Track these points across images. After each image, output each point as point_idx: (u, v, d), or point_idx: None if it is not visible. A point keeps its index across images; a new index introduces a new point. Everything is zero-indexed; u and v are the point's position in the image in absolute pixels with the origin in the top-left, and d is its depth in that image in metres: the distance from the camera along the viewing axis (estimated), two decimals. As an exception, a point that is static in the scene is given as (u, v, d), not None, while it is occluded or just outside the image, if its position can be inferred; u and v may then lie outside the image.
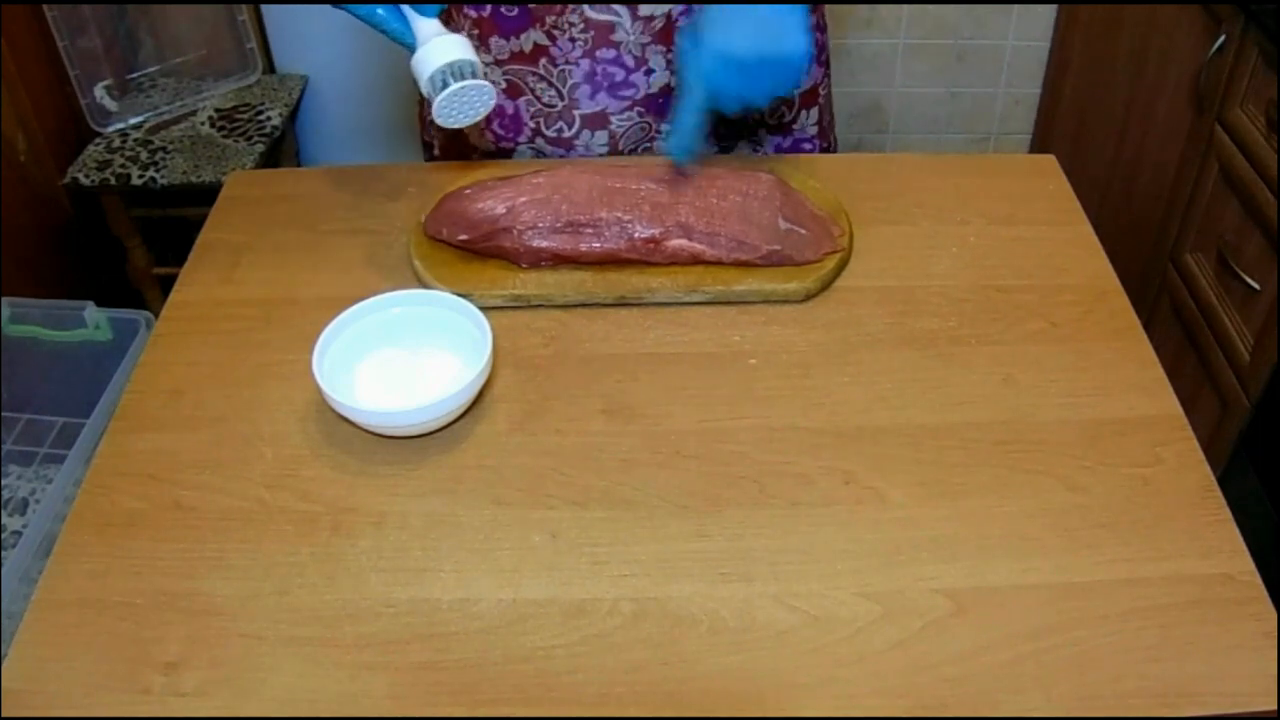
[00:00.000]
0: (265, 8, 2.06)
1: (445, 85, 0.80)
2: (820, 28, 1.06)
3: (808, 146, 1.09)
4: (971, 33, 2.23)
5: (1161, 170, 1.72)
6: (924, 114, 2.36)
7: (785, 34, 0.82)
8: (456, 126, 0.84)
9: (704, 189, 0.89)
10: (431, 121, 1.09)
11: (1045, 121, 2.30)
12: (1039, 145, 2.35)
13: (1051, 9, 2.17)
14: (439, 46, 0.80)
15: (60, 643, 0.66)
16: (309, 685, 0.63)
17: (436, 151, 1.11)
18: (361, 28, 0.84)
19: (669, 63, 0.97)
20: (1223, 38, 1.49)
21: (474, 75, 0.81)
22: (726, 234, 0.87)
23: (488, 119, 1.03)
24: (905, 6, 2.18)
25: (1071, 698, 0.62)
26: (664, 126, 1.03)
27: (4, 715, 0.62)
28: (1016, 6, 2.17)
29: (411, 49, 0.81)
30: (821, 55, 1.07)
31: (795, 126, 1.07)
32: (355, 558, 0.70)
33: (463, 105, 0.82)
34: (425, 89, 0.81)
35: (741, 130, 1.06)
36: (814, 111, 1.07)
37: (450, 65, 0.80)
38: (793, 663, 0.64)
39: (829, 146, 1.12)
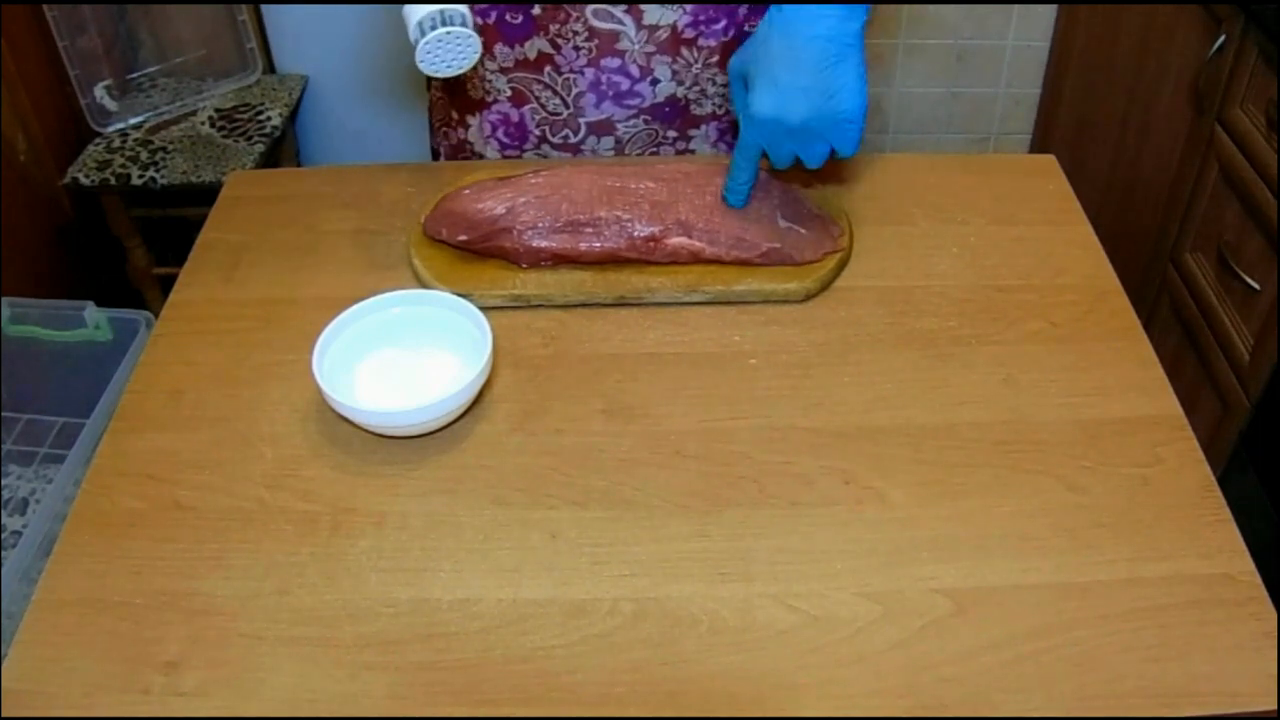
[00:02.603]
0: (265, 8, 2.06)
1: (433, 29, 0.79)
2: None
3: None
4: (971, 33, 2.23)
5: (1161, 170, 1.72)
6: (924, 114, 2.36)
7: (837, 95, 0.79)
8: (440, 76, 0.83)
9: (703, 187, 0.89)
10: (440, 129, 1.10)
11: (1045, 121, 2.30)
12: (1039, 145, 2.35)
13: (1051, 9, 2.17)
14: None
15: (60, 643, 0.66)
16: (309, 685, 0.63)
17: (443, 158, 1.11)
18: (361, 27, 0.84)
19: (675, 73, 0.97)
20: (1223, 38, 1.49)
21: (463, 24, 0.80)
22: (726, 232, 0.87)
23: (493, 126, 1.02)
24: (905, 6, 2.18)
25: (1071, 698, 0.62)
26: (670, 132, 1.02)
27: (4, 715, 0.62)
28: (1016, 6, 2.17)
29: None
30: None
31: None
32: (355, 558, 0.70)
33: (447, 54, 0.81)
34: (413, 34, 0.81)
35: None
36: None
37: (440, 12, 0.79)
38: (793, 663, 0.64)
39: None
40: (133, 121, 1.95)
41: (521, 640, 0.65)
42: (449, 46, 0.81)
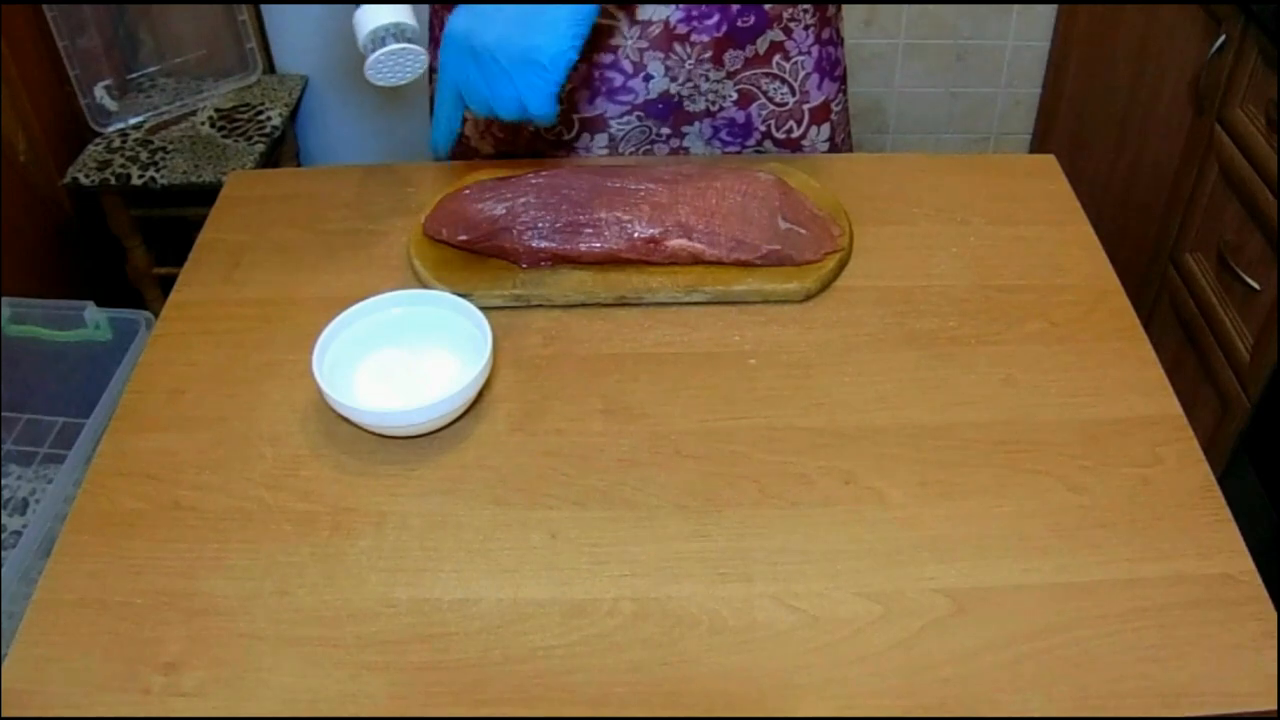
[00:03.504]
0: (265, 8, 2.06)
1: (384, 44, 0.82)
2: (834, 41, 1.03)
3: None
4: (971, 33, 2.23)
5: (1161, 170, 1.72)
6: (924, 114, 2.36)
7: (535, 29, 0.68)
8: (384, 84, 0.86)
9: (704, 189, 0.89)
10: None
11: (1045, 121, 2.30)
12: (1039, 145, 2.35)
13: (1051, 9, 2.17)
14: (383, 6, 0.82)
15: (60, 643, 0.66)
16: (309, 685, 0.63)
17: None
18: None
19: (668, 69, 0.97)
20: (1223, 38, 1.49)
21: (412, 40, 0.83)
22: (726, 234, 0.87)
23: (488, 122, 1.03)
24: (905, 6, 2.18)
25: (1071, 698, 0.62)
26: (664, 130, 1.02)
27: (4, 715, 0.62)
28: (1016, 6, 2.17)
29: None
30: (836, 70, 1.04)
31: (805, 143, 1.05)
32: (355, 558, 0.70)
33: (396, 67, 0.84)
34: (363, 42, 0.83)
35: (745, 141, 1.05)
36: (825, 128, 1.05)
37: (392, 25, 0.82)
38: (793, 663, 0.64)
39: None
40: (133, 121, 1.95)
41: (521, 640, 0.65)
42: (399, 60, 0.83)
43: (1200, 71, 1.57)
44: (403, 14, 0.82)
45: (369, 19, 0.82)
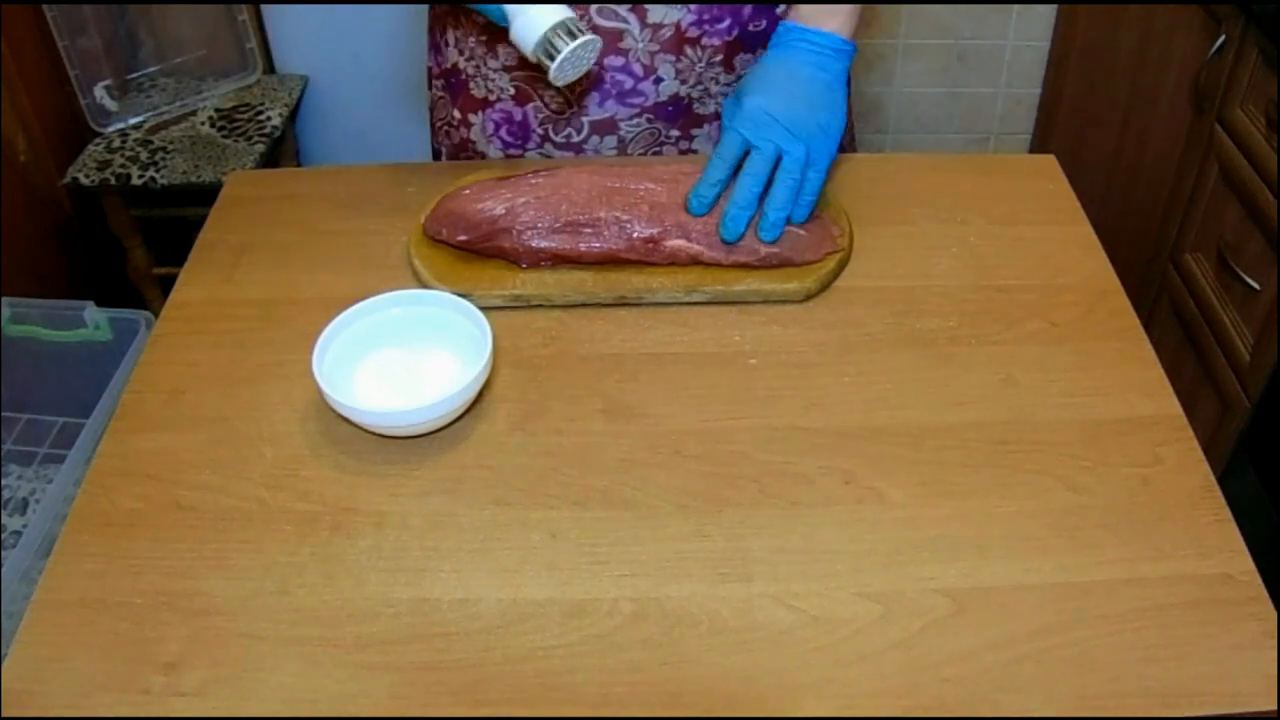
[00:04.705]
0: (265, 8, 2.06)
1: (556, 48, 0.84)
2: None
3: None
4: (971, 33, 2.23)
5: (1161, 170, 1.72)
6: (924, 114, 2.36)
7: (820, 108, 0.86)
8: (569, 82, 0.88)
9: (704, 189, 0.89)
10: (441, 129, 1.10)
11: (1045, 121, 2.30)
12: (1039, 145, 2.35)
13: (1051, 9, 2.17)
14: (539, 12, 0.83)
15: (60, 643, 0.66)
16: (309, 685, 0.63)
17: (444, 158, 1.11)
18: (361, 27, 0.84)
19: (678, 72, 0.97)
20: (1223, 38, 1.49)
21: (579, 31, 0.84)
22: (726, 234, 0.87)
23: (495, 125, 1.03)
24: (905, 6, 2.18)
25: (1071, 698, 0.62)
26: (673, 132, 1.02)
27: (4, 715, 0.62)
28: (1016, 6, 2.17)
29: (503, 22, 0.85)
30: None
31: None
32: (355, 558, 0.70)
33: (575, 61, 0.85)
34: (534, 55, 0.84)
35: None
36: None
37: (557, 26, 0.83)
38: (793, 663, 0.64)
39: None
40: (133, 121, 1.95)
41: (521, 640, 0.65)
42: (577, 53, 0.84)
43: (1200, 71, 1.57)
44: (560, 12, 0.83)
45: (531, 30, 0.83)
